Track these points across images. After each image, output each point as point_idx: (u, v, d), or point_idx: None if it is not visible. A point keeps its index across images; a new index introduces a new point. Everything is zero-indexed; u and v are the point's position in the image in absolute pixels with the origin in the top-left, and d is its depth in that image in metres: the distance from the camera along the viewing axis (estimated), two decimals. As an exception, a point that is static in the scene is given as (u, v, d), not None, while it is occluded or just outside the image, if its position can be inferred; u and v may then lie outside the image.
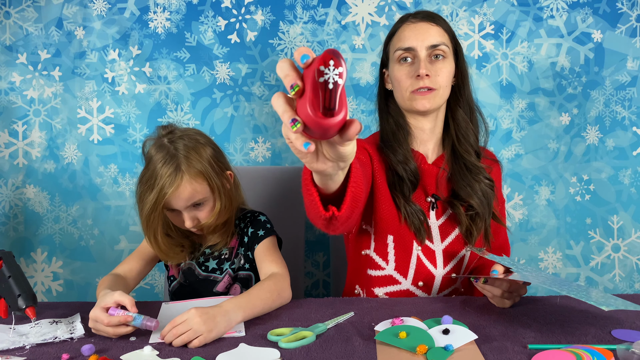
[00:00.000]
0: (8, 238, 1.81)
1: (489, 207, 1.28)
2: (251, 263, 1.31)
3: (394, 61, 1.28)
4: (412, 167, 1.26)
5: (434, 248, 1.27)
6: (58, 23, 1.77)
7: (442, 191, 1.30)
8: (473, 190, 1.26)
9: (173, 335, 0.95)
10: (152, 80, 1.80)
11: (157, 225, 1.21)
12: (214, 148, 1.26)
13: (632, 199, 1.87)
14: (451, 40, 1.28)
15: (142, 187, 1.20)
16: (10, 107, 1.78)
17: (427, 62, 1.24)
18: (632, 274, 1.89)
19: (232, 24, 1.80)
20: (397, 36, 1.27)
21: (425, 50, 1.23)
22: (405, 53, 1.25)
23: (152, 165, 1.19)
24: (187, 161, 1.18)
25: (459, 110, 1.31)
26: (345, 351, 0.91)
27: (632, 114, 1.85)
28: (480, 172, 1.28)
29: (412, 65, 1.25)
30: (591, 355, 0.85)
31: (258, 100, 1.82)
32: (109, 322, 0.95)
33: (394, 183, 1.27)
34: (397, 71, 1.27)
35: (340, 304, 1.17)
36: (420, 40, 1.24)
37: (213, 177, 1.21)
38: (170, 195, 1.16)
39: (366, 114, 1.83)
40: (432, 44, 1.23)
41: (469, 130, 1.30)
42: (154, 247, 1.26)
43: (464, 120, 1.30)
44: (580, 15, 1.82)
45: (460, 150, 1.29)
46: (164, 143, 1.21)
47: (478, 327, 1.00)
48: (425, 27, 1.25)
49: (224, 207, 1.24)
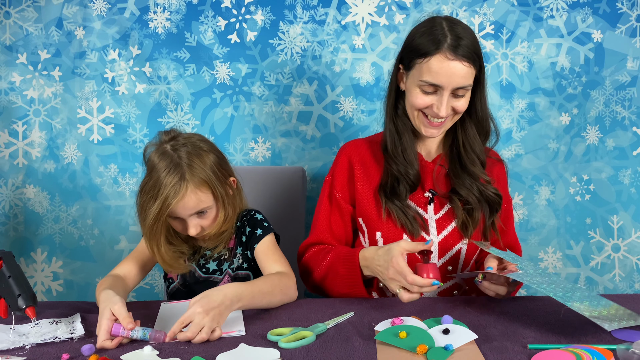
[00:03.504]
0: (8, 238, 1.81)
1: (490, 209, 1.30)
2: (250, 262, 1.31)
3: (414, 82, 1.22)
4: (414, 172, 1.28)
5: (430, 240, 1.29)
6: (58, 23, 1.77)
7: (440, 186, 1.32)
8: (472, 191, 1.28)
9: (187, 338, 0.96)
10: (152, 80, 1.80)
11: (160, 235, 1.19)
12: (217, 155, 1.24)
13: (632, 199, 1.87)
14: (478, 71, 1.23)
15: (145, 196, 1.17)
16: (10, 107, 1.78)
17: (448, 100, 1.20)
18: (632, 274, 1.89)
19: (232, 24, 1.80)
20: (428, 65, 1.18)
21: (450, 89, 1.19)
22: (430, 87, 1.20)
23: (155, 174, 1.16)
24: (190, 170, 1.15)
25: (468, 120, 1.30)
26: (345, 351, 0.91)
27: (632, 114, 1.85)
28: (485, 184, 1.30)
29: (432, 95, 1.21)
30: (591, 355, 0.85)
31: (258, 100, 1.82)
32: (114, 345, 0.95)
33: (390, 183, 1.29)
34: (415, 95, 1.22)
35: (340, 304, 1.17)
36: (449, 82, 1.18)
37: (217, 185, 1.19)
38: (174, 206, 1.14)
39: (366, 114, 1.83)
40: (460, 86, 1.19)
41: (476, 141, 1.30)
42: (157, 258, 1.24)
43: (472, 130, 1.29)
44: (580, 15, 1.82)
45: (466, 160, 1.30)
46: (166, 150, 1.18)
47: (478, 327, 1.00)
48: (459, 67, 1.17)
49: (228, 215, 1.23)
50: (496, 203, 1.31)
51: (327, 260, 1.27)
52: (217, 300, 1.00)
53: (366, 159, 1.36)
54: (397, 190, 1.28)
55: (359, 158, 1.36)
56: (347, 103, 1.83)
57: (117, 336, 0.96)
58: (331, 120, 1.84)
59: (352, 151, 1.38)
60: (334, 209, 1.36)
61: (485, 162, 1.32)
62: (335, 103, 1.83)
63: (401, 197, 1.28)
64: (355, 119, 1.83)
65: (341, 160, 1.37)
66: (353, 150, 1.38)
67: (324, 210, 1.36)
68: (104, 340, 0.95)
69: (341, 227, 1.36)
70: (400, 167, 1.28)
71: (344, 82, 1.82)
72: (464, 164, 1.30)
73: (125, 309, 0.99)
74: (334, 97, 1.83)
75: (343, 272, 1.23)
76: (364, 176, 1.34)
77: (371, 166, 1.35)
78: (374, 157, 1.36)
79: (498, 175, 1.37)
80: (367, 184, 1.33)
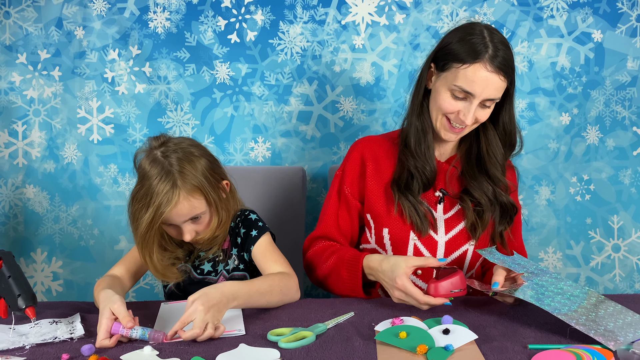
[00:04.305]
0: (8, 238, 1.81)
1: (502, 215, 1.31)
2: (246, 263, 1.31)
3: (445, 84, 1.22)
4: (431, 171, 1.29)
5: (437, 239, 1.30)
6: (58, 23, 1.77)
7: (453, 187, 1.34)
8: (487, 193, 1.30)
9: (193, 336, 0.95)
10: (152, 80, 1.80)
11: (152, 244, 1.18)
12: (208, 159, 1.22)
13: (632, 199, 1.87)
14: (510, 83, 1.22)
15: (137, 204, 1.15)
16: (10, 107, 1.78)
17: (476, 110, 1.21)
18: (632, 274, 1.89)
19: (232, 24, 1.79)
20: (465, 71, 1.18)
21: (481, 99, 1.19)
22: (462, 93, 1.20)
23: (147, 181, 1.14)
24: (182, 177, 1.14)
25: (491, 128, 1.30)
26: (345, 351, 0.91)
27: (632, 113, 1.85)
28: (504, 189, 1.31)
29: (461, 102, 1.21)
30: (591, 355, 0.85)
31: (258, 100, 1.82)
32: (113, 343, 0.95)
33: (404, 179, 1.30)
34: (443, 98, 1.23)
35: (340, 304, 1.16)
36: (482, 91, 1.18)
37: (209, 191, 1.18)
38: (167, 213, 1.13)
39: (366, 114, 1.83)
40: (491, 97, 1.19)
41: (499, 150, 1.30)
42: (149, 267, 1.22)
43: (495, 138, 1.30)
44: (581, 15, 1.82)
45: (489, 164, 1.31)
46: (157, 157, 1.16)
47: (478, 327, 1.00)
48: (494, 80, 1.17)
49: (222, 220, 1.22)
50: (510, 211, 1.32)
51: (331, 261, 1.27)
52: (215, 297, 1.00)
53: (379, 154, 1.37)
54: (411, 186, 1.29)
55: (372, 154, 1.36)
56: (347, 103, 1.83)
57: (116, 334, 0.96)
58: (331, 120, 1.84)
59: (364, 147, 1.38)
60: (342, 204, 1.37)
61: (506, 171, 1.33)
62: (335, 103, 1.83)
63: (414, 193, 1.29)
64: (355, 119, 1.83)
65: (353, 156, 1.38)
66: (366, 146, 1.38)
67: (332, 204, 1.37)
68: (103, 339, 0.95)
69: (348, 222, 1.36)
70: (418, 163, 1.29)
71: (344, 82, 1.82)
72: (486, 166, 1.31)
73: (124, 307, 0.99)
74: (334, 97, 1.83)
75: (345, 276, 1.24)
76: (376, 172, 1.35)
77: (383, 162, 1.36)
78: (386, 153, 1.37)
79: (510, 181, 1.38)
80: (378, 180, 1.34)
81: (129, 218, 1.19)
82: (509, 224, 1.32)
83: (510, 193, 1.34)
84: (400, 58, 1.81)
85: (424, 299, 1.08)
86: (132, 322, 0.97)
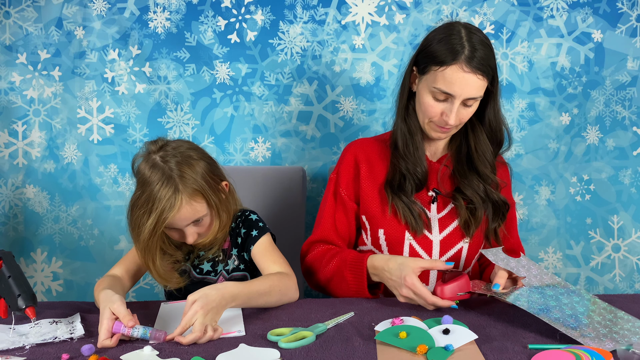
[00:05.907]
0: (8, 238, 1.81)
1: (494, 212, 1.31)
2: (246, 264, 1.31)
3: (426, 86, 1.23)
4: (422, 171, 1.30)
5: (432, 238, 1.30)
6: (58, 23, 1.77)
7: (445, 186, 1.34)
8: (478, 191, 1.30)
9: (193, 340, 0.95)
10: (152, 80, 1.80)
11: (155, 250, 1.18)
12: (207, 161, 1.22)
13: (632, 199, 1.87)
14: (491, 83, 1.23)
15: (138, 211, 1.14)
16: (10, 107, 1.78)
17: (458, 109, 1.22)
18: (632, 274, 1.89)
19: (232, 24, 1.79)
20: (443, 74, 1.19)
21: (461, 99, 1.20)
22: (442, 95, 1.21)
23: (148, 187, 1.14)
24: (183, 181, 1.14)
25: (479, 126, 1.31)
26: (345, 351, 0.91)
27: (632, 113, 1.85)
28: (495, 187, 1.32)
29: (443, 103, 1.22)
30: (590, 356, 0.84)
31: (258, 100, 1.82)
32: (114, 343, 0.95)
33: (397, 180, 1.31)
34: (426, 100, 1.24)
35: (340, 304, 1.16)
36: (462, 92, 1.19)
37: (210, 193, 1.18)
38: (171, 219, 1.13)
39: (366, 114, 1.83)
40: (471, 97, 1.20)
41: (487, 147, 1.31)
42: (152, 273, 1.22)
43: (483, 136, 1.31)
44: (581, 15, 1.82)
45: (478, 162, 1.32)
46: (156, 162, 1.16)
47: (478, 327, 1.00)
48: (473, 80, 1.18)
49: (223, 221, 1.23)
50: (502, 208, 1.32)
51: (333, 264, 1.27)
52: (215, 299, 1.00)
53: (372, 156, 1.37)
54: (404, 187, 1.30)
55: (365, 156, 1.37)
56: (347, 103, 1.83)
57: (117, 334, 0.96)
58: (331, 120, 1.84)
59: (357, 149, 1.39)
60: (339, 206, 1.37)
61: (496, 168, 1.34)
62: (335, 103, 1.83)
63: (408, 194, 1.29)
64: (355, 119, 1.83)
65: (346, 158, 1.38)
66: (359, 148, 1.39)
67: (328, 207, 1.37)
68: (104, 339, 0.95)
69: (345, 224, 1.36)
70: (409, 165, 1.30)
71: (344, 82, 1.82)
72: (475, 164, 1.32)
73: (124, 307, 0.99)
74: (334, 97, 1.83)
75: (350, 278, 1.24)
76: (369, 174, 1.35)
77: (377, 164, 1.36)
78: (379, 155, 1.37)
79: (502, 178, 1.38)
80: (372, 182, 1.35)
81: (129, 225, 1.19)
82: (502, 221, 1.33)
83: (501, 190, 1.34)
84: (400, 58, 1.81)
85: (432, 299, 1.08)
86: (133, 321, 0.97)
